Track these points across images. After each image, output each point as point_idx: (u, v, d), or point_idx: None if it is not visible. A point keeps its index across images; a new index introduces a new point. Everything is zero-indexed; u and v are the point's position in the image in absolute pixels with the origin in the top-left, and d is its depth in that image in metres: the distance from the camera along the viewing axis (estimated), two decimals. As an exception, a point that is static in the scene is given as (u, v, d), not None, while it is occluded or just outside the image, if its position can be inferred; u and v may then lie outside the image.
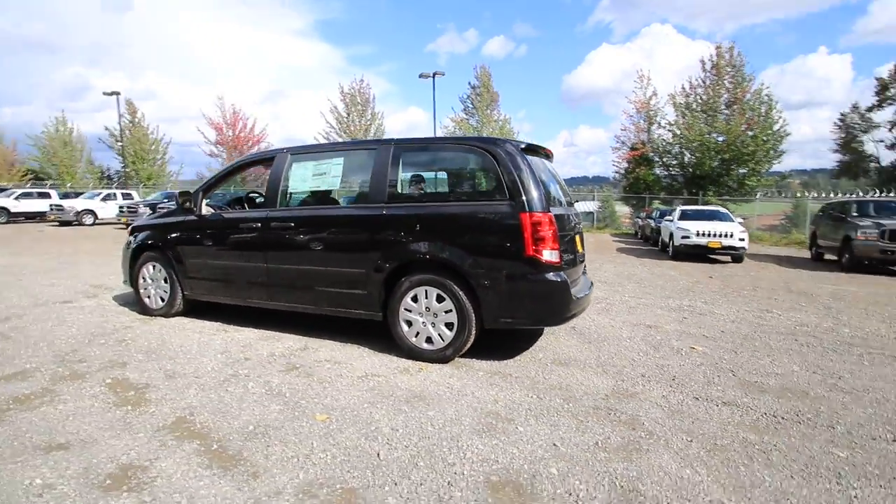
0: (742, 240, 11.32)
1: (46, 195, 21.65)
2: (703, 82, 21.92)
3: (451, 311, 3.45)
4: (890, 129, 31.95)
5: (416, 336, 3.59)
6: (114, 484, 1.98)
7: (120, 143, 28.88)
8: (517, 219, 3.27)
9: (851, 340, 4.51)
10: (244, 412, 2.68)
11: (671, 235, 12.31)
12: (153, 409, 2.70)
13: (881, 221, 9.68)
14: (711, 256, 12.12)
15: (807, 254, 13.86)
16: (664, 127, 23.07)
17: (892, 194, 18.44)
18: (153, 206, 18.34)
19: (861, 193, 20.16)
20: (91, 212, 19.87)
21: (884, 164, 32.94)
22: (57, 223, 19.61)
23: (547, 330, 4.45)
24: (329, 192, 4.07)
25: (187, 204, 4.46)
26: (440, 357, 3.52)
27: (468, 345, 3.48)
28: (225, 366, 3.44)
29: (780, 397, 3.08)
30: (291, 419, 2.60)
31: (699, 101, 21.93)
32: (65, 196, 23.04)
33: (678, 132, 22.05)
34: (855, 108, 34.15)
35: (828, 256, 11.89)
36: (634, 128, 24.60)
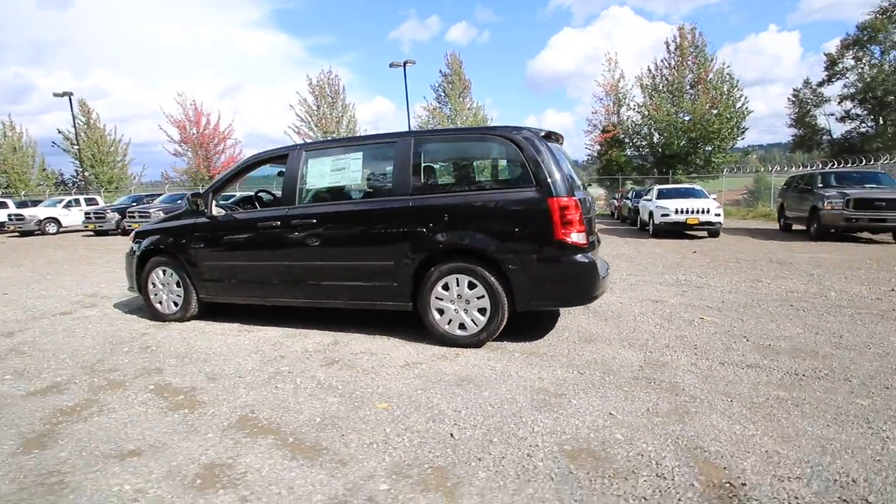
0: (718, 215, 11.84)
1: (3, 205, 20.47)
2: (669, 63, 22.59)
3: (483, 296, 3.56)
4: (839, 103, 33.71)
5: (448, 323, 3.69)
6: (205, 483, 2.00)
7: (76, 147, 27.43)
8: (545, 204, 3.39)
9: (839, 303, 4.87)
10: (304, 406, 2.72)
11: (650, 214, 12.74)
12: (211, 409, 2.71)
13: (845, 191, 10.31)
14: (688, 232, 12.63)
15: (774, 225, 14.63)
16: (633, 109, 23.71)
17: (852, 165, 19.58)
18: (122, 212, 17.65)
19: (820, 165, 21.24)
20: (54, 220, 18.93)
21: (835, 136, 34.77)
22: (17, 234, 18.59)
23: (563, 310, 4.62)
24: (350, 186, 4.08)
25: (198, 206, 4.38)
26: (474, 342, 3.63)
27: (501, 328, 3.60)
28: (263, 364, 3.44)
29: (795, 357, 3.33)
30: (353, 409, 2.66)
31: (665, 81, 22.59)
32: (22, 205, 21.84)
33: (647, 113, 22.69)
34: (807, 83, 35.77)
35: (796, 227, 12.59)
36: (605, 110, 25.15)
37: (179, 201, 18.42)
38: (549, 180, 3.41)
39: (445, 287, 3.66)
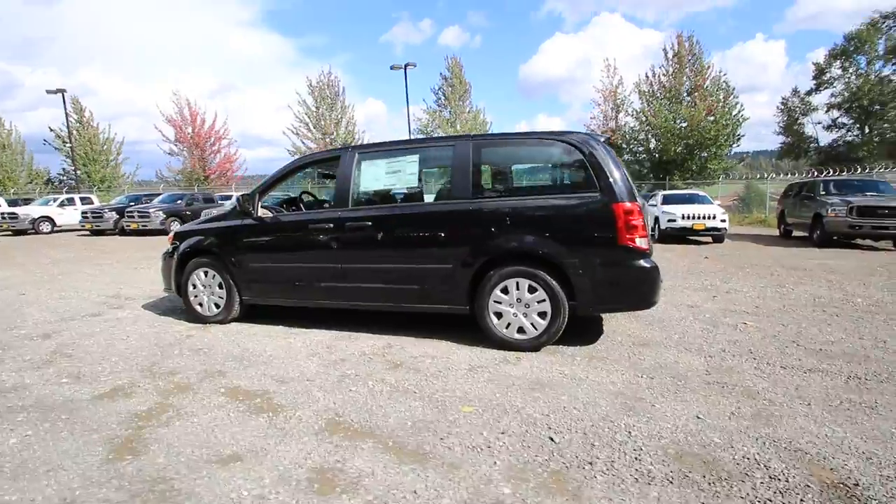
0: (723, 221, 12.05)
1: (-6, 203, 19.95)
2: (666, 70, 22.96)
3: (544, 300, 3.58)
4: (826, 111, 34.60)
5: (507, 327, 3.70)
6: (324, 487, 1.99)
7: (68, 145, 26.89)
8: (609, 209, 3.42)
9: (868, 309, 4.99)
10: (388, 410, 2.70)
11: (657, 220, 12.91)
12: (294, 413, 2.68)
13: (848, 199, 10.57)
14: (691, 238, 12.81)
15: (772, 231, 14.94)
16: (631, 115, 24.04)
17: (839, 174, 20.09)
18: (120, 211, 17.34)
19: (815, 173, 21.73)
20: (48, 219, 18.51)
21: (822, 144, 35.64)
22: (10, 232, 18.13)
23: (606, 315, 4.66)
24: (406, 189, 4.08)
25: (246, 207, 4.34)
26: (533, 345, 3.65)
27: (560, 332, 3.62)
28: (326, 367, 3.42)
29: (849, 362, 3.41)
30: (440, 413, 2.66)
31: (663, 88, 22.95)
32: (12, 203, 21.34)
33: (645, 119, 23.02)
34: (795, 91, 36.63)
35: (797, 233, 12.85)
36: (603, 116, 25.45)
37: (179, 201, 18.19)
38: (613, 185, 3.46)
39: (504, 290, 3.67)
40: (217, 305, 4.63)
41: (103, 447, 2.36)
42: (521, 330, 3.68)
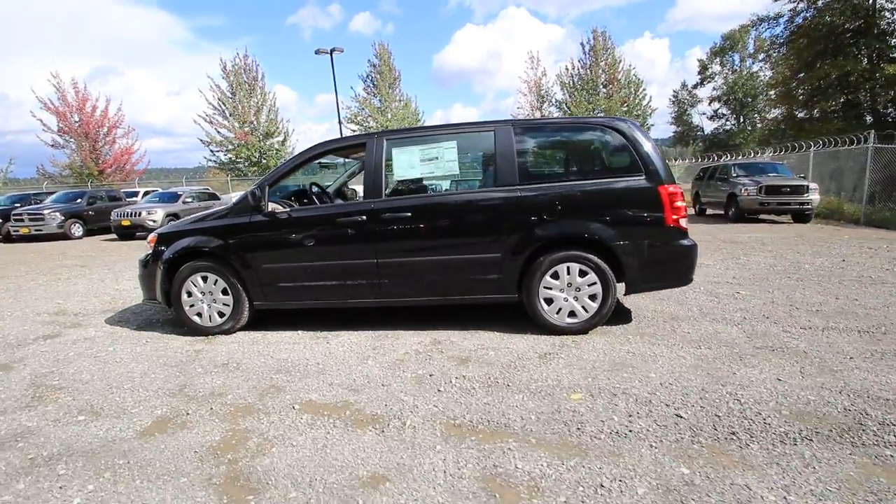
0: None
1: None
2: (584, 63, 24.43)
3: (594, 283, 3.64)
4: (709, 103, 39.14)
5: (557, 312, 3.71)
6: (508, 495, 1.85)
7: None
8: (656, 192, 3.55)
9: (818, 273, 5.76)
10: (500, 406, 2.58)
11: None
12: (403, 422, 2.46)
13: (757, 179, 12.08)
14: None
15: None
16: (554, 105, 25.27)
17: (741, 158, 22.84)
18: (4, 214, 14.59)
19: (715, 158, 24.38)
20: None
21: (707, 132, 40.31)
22: None
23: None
24: (445, 177, 3.87)
25: (255, 202, 3.85)
26: (584, 328, 3.70)
27: (610, 313, 3.71)
28: (391, 370, 3.18)
29: (847, 318, 3.91)
30: (551, 402, 2.59)
31: (582, 80, 24.40)
32: None
33: (567, 110, 24.33)
34: (683, 85, 40.91)
35: (711, 211, 14.45)
36: (529, 106, 26.42)
37: (78, 200, 15.79)
38: (658, 168, 3.59)
39: (555, 276, 3.67)
40: (221, 314, 4.09)
41: (208, 492, 1.98)
42: (572, 314, 3.71)
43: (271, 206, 4.04)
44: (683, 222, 3.62)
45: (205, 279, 4.07)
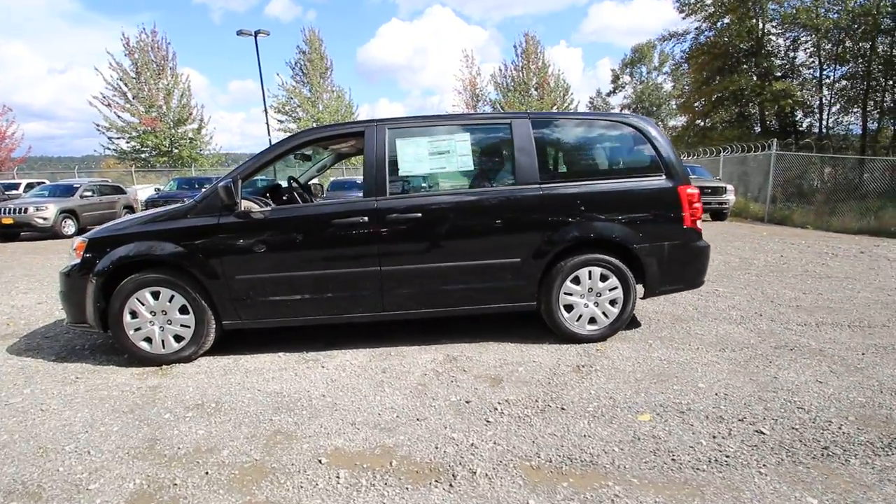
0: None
1: None
2: (517, 65, 24.91)
3: (615, 287, 3.43)
4: (621, 111, 42.12)
5: (578, 319, 3.45)
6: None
7: None
8: (676, 192, 3.41)
9: (770, 269, 6.14)
10: (571, 439, 2.23)
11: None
12: (473, 469, 2.01)
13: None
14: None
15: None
16: (489, 104, 25.48)
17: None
18: None
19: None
20: None
21: (619, 137, 43.30)
22: None
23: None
24: (458, 173, 3.40)
25: (226, 199, 3.11)
26: (603, 335, 3.49)
27: (629, 318, 3.53)
28: (414, 398, 2.69)
29: (829, 313, 4.09)
30: (625, 429, 2.29)
31: (514, 81, 24.88)
32: None
33: (501, 109, 24.66)
34: (598, 93, 43.63)
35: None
36: (465, 105, 26.34)
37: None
38: (677, 168, 3.45)
39: (575, 281, 3.40)
40: (179, 338, 3.30)
41: None
42: (592, 320, 3.47)
43: (245, 205, 3.34)
44: (699, 224, 3.53)
45: (156, 295, 3.25)
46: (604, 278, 3.42)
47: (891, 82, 21.34)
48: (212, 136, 25.04)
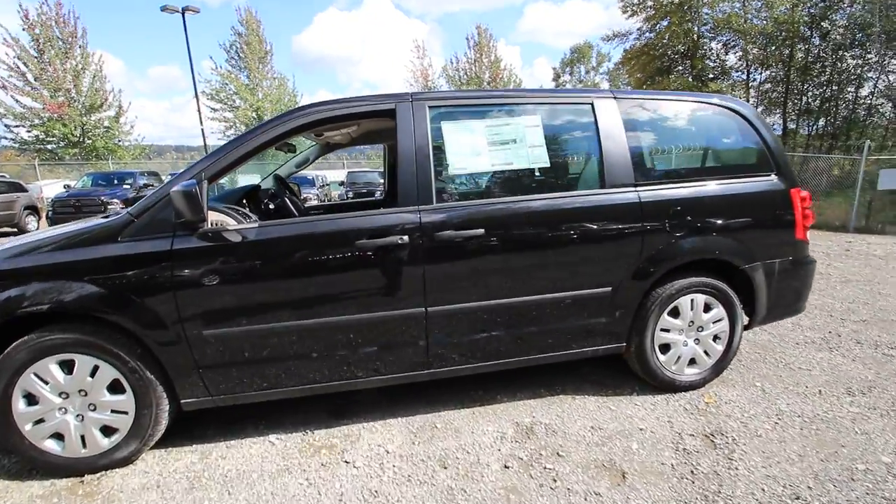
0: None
1: None
2: (469, 58, 24.01)
3: (720, 319, 2.62)
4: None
5: (676, 361, 2.61)
6: None
7: None
8: (788, 196, 2.65)
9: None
10: None
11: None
12: None
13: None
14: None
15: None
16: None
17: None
18: None
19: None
20: None
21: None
22: None
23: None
24: (533, 170, 2.38)
25: (189, 212, 1.90)
26: (704, 380, 2.68)
27: (733, 358, 2.74)
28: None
29: (865, 315, 3.60)
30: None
31: (466, 75, 23.99)
32: None
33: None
34: (542, 90, 44.10)
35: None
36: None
37: None
38: (787, 166, 2.70)
39: (674, 313, 2.56)
40: (110, 430, 2.06)
41: None
42: (692, 362, 2.65)
43: (213, 219, 2.14)
44: (808, 235, 2.80)
45: (68, 367, 1.99)
46: (707, 308, 2.60)
47: (806, 86, 23.01)
48: (133, 125, 21.86)
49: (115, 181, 12.86)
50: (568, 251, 2.34)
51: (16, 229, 11.31)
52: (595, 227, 2.35)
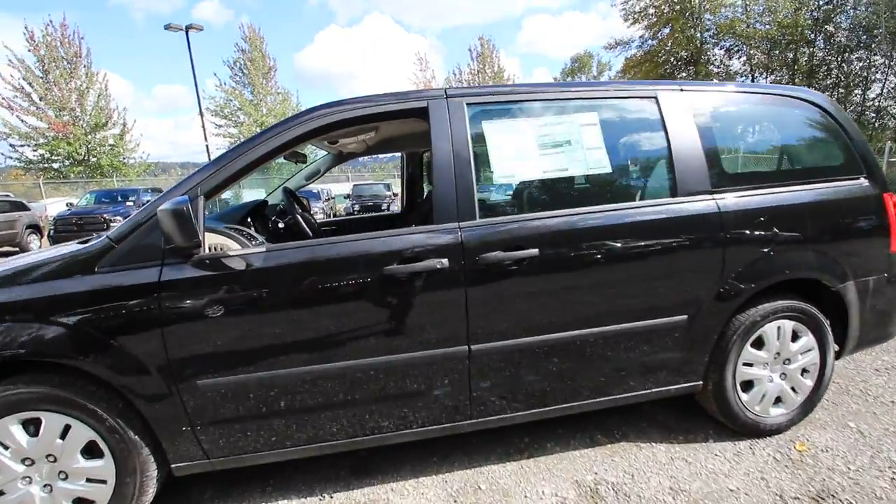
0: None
1: None
2: (472, 69, 23.89)
3: (810, 349, 2.20)
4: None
5: (760, 401, 2.19)
6: None
7: None
8: (881, 202, 2.25)
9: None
10: None
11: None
12: None
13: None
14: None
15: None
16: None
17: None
18: None
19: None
20: None
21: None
22: None
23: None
24: (587, 179, 2.00)
25: (181, 237, 1.52)
26: (790, 422, 2.25)
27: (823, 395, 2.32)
28: None
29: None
30: None
31: (470, 85, 23.91)
32: None
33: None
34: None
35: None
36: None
37: None
38: (877, 167, 2.30)
39: (758, 343, 2.15)
40: (83, 503, 1.66)
41: None
42: (777, 401, 2.23)
43: (212, 242, 1.76)
44: (900, 246, 2.39)
45: (33, 427, 1.60)
46: (795, 336, 2.19)
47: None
48: (138, 142, 21.71)
49: (119, 198, 12.60)
50: (637, 274, 1.93)
51: (17, 248, 11.01)
52: (668, 244, 1.95)
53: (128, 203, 11.99)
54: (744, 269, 2.01)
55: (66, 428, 1.62)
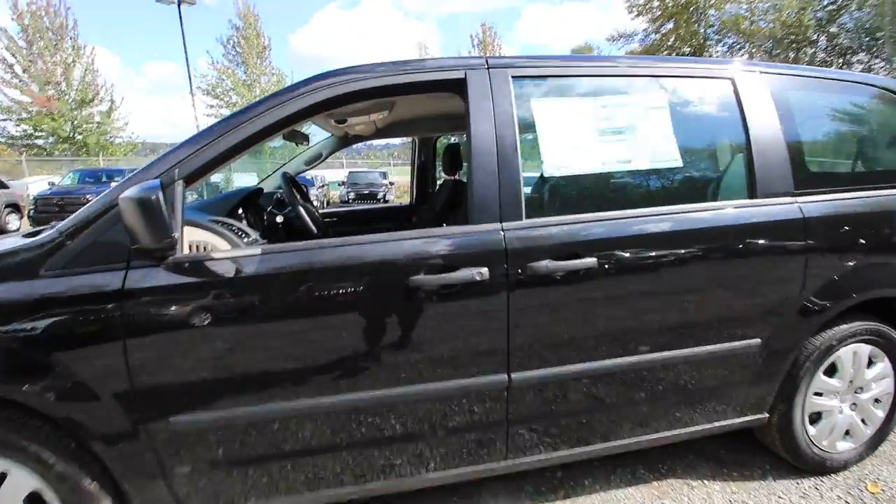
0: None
1: None
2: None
3: (886, 377, 1.91)
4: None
5: (829, 434, 1.89)
6: None
7: None
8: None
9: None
10: None
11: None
12: None
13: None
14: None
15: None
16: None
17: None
18: None
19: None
20: None
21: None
22: None
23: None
24: (654, 172, 1.66)
25: (140, 233, 1.16)
26: (859, 456, 1.97)
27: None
28: None
29: None
30: None
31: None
32: None
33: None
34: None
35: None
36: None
37: None
38: (969, 171, 1.99)
39: (830, 370, 1.85)
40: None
41: None
42: (846, 434, 1.94)
43: (194, 238, 1.40)
44: None
45: (-40, 477, 1.24)
46: (870, 362, 1.90)
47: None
48: (126, 121, 20.87)
49: (104, 178, 12.03)
50: (709, 290, 1.61)
51: (-5, 229, 10.43)
52: (747, 256, 1.62)
53: (113, 183, 11.43)
54: (828, 284, 1.70)
55: (2, 476, 1.26)
